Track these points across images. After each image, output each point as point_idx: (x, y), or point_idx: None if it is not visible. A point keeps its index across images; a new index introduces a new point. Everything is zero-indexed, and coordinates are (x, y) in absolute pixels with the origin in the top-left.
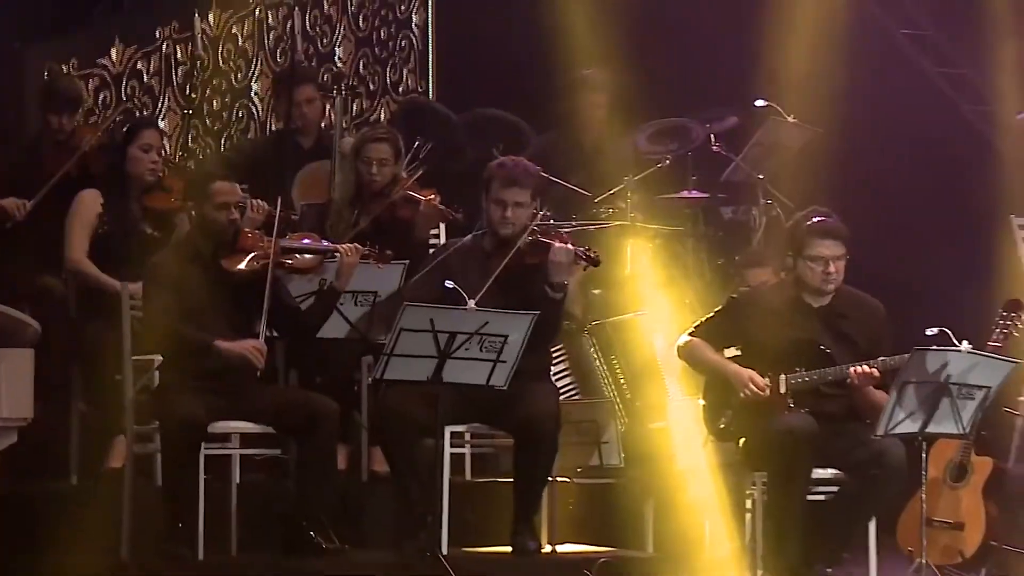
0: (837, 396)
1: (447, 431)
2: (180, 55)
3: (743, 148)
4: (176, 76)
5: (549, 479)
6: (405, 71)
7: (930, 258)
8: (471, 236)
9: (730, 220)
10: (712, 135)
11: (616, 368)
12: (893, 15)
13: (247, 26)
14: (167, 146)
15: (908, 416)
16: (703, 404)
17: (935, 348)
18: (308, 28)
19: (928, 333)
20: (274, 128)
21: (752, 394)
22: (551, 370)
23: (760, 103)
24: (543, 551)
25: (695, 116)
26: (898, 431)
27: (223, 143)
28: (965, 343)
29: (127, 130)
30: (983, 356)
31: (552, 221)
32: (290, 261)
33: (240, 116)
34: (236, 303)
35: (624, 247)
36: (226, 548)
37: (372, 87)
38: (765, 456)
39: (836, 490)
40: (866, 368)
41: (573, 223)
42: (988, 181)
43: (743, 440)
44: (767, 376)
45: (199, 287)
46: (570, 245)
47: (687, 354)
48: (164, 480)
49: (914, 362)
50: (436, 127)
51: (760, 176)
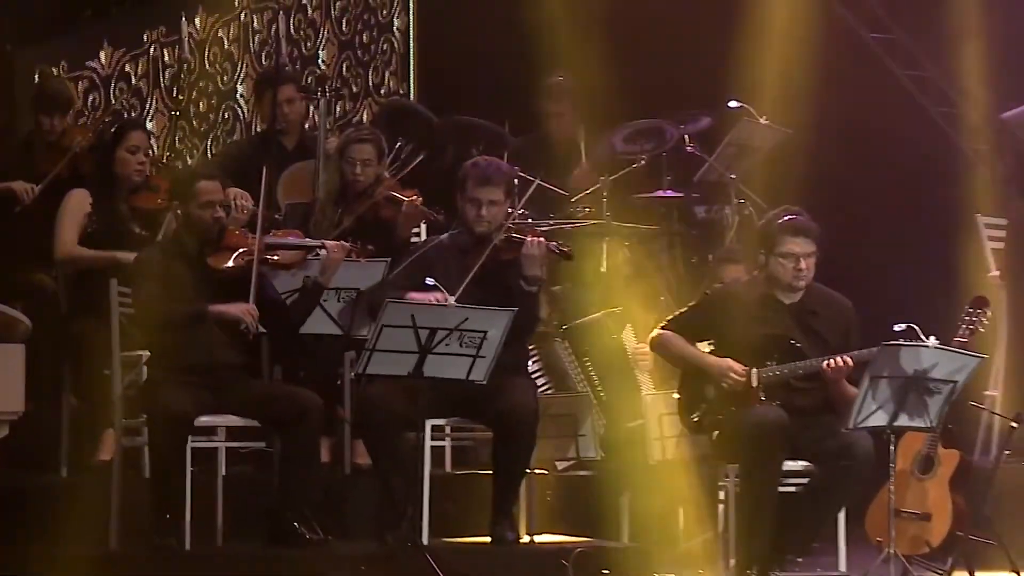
0: (808, 390)
1: (428, 425)
2: (167, 58)
3: (716, 149)
4: (163, 78)
5: (527, 471)
6: (387, 73)
7: (898, 255)
8: (448, 235)
9: (703, 219)
10: (686, 136)
11: (590, 370)
12: (861, 18)
13: (233, 30)
14: (155, 146)
15: (877, 409)
16: (677, 398)
17: (903, 343)
18: (292, 32)
19: (896, 329)
20: (258, 129)
21: (733, 383)
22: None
23: (733, 105)
24: (521, 541)
25: (670, 117)
26: (867, 424)
27: (209, 144)
28: (932, 339)
29: (114, 132)
30: (950, 351)
31: (529, 220)
32: (276, 257)
33: (226, 117)
34: (223, 299)
35: (599, 245)
36: (212, 539)
37: (355, 89)
38: (737, 448)
39: (806, 482)
40: (839, 360)
41: (550, 222)
42: (954, 181)
43: (716, 433)
44: None
45: (186, 284)
46: (542, 240)
47: (661, 347)
48: (152, 472)
49: (882, 357)
50: (417, 128)
51: (733, 176)
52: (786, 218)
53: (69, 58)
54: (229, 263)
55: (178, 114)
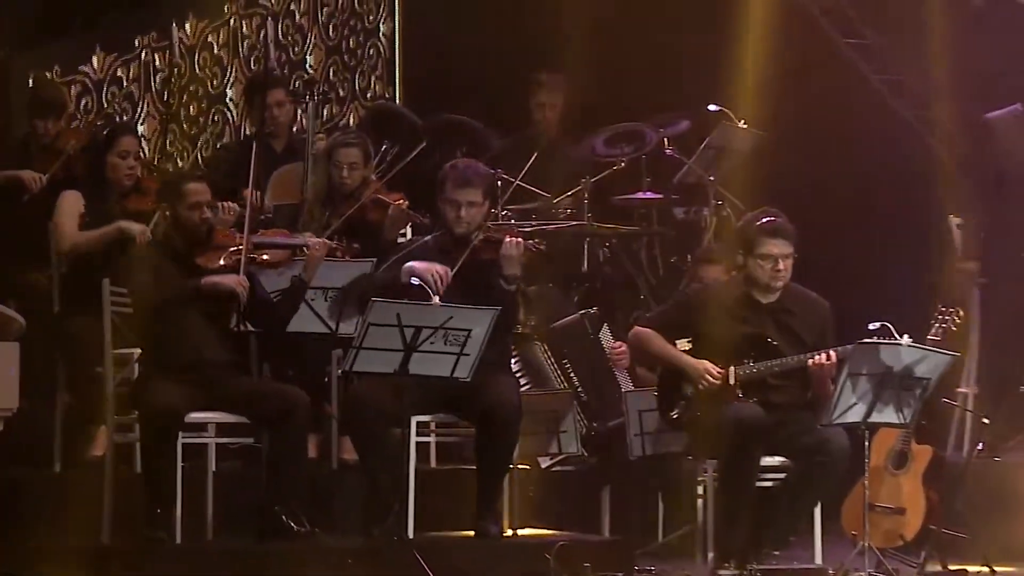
0: (784, 387)
1: (413, 421)
2: (158, 63)
3: (695, 151)
4: (154, 83)
5: (510, 466)
6: (373, 78)
7: (873, 256)
8: (431, 236)
9: (682, 220)
10: (665, 139)
11: (569, 372)
12: (837, 24)
13: (222, 35)
14: (146, 149)
15: (852, 406)
16: (657, 395)
17: (877, 341)
18: (280, 37)
19: (871, 327)
20: (247, 133)
21: (709, 384)
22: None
23: (712, 108)
24: (505, 535)
25: (649, 121)
26: (843, 420)
27: (199, 147)
28: (906, 337)
29: (106, 136)
30: (923, 349)
31: (512, 221)
32: (265, 256)
33: (215, 121)
34: (212, 298)
35: (580, 246)
36: (202, 532)
37: (342, 93)
38: (716, 444)
39: (783, 477)
40: (823, 356)
41: (532, 223)
42: (928, 183)
43: (695, 429)
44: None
45: (176, 284)
46: (520, 239)
47: (640, 344)
48: (143, 468)
49: (857, 355)
50: (403, 131)
51: (711, 178)
52: (764, 220)
53: (62, 63)
54: (219, 262)
55: (169, 118)
